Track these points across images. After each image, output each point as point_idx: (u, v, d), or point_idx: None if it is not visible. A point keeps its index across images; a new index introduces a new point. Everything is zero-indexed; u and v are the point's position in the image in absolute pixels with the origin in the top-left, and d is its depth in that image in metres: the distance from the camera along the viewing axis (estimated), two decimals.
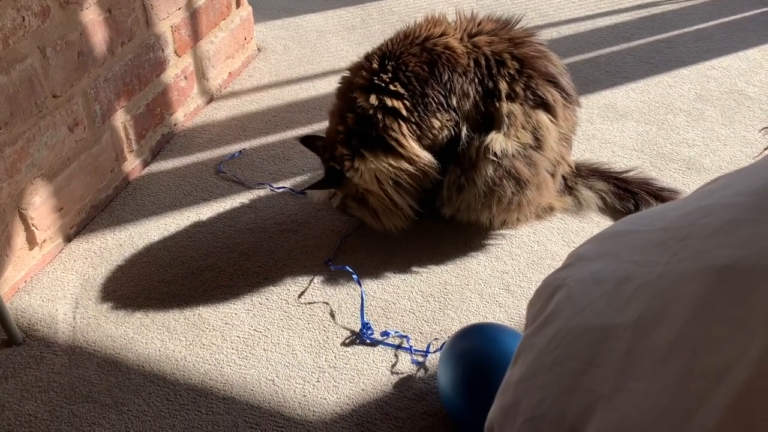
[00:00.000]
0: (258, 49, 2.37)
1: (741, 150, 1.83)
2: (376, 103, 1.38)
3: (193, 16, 1.93)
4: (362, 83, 1.42)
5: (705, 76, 2.17)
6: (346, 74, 1.50)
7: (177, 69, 1.90)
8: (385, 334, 1.34)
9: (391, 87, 1.38)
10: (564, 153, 1.50)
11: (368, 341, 1.33)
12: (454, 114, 1.40)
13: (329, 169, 1.50)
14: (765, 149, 0.92)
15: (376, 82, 1.39)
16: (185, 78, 1.94)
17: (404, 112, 1.38)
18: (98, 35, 1.55)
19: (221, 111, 2.06)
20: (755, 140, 1.86)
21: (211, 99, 2.10)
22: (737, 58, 2.27)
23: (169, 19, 1.82)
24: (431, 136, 1.41)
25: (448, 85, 1.39)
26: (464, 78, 1.39)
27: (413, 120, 1.39)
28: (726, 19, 2.53)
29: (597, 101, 2.06)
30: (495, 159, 1.39)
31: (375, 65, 1.41)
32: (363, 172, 1.43)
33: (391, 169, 1.41)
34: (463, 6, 2.68)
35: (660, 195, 1.59)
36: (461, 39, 1.43)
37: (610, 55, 2.31)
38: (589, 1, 2.69)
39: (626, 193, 1.60)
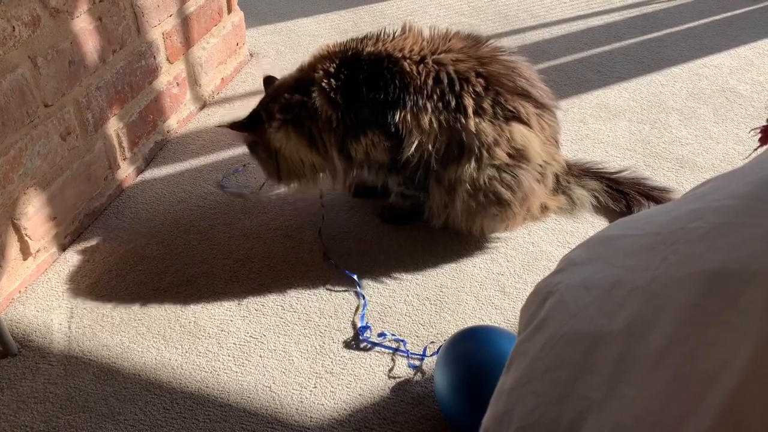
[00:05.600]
0: (250, 54, 2.37)
1: (733, 148, 1.84)
2: (316, 104, 1.43)
3: (185, 22, 1.93)
4: (317, 79, 1.45)
5: (697, 75, 2.18)
6: (326, 49, 1.50)
7: (169, 76, 1.90)
8: (382, 337, 1.35)
9: (332, 95, 1.41)
10: (552, 152, 1.51)
11: (365, 345, 1.33)
12: (393, 138, 1.41)
13: (255, 115, 1.53)
14: (754, 150, 0.92)
15: (324, 84, 1.42)
16: (177, 85, 1.94)
17: (334, 123, 1.42)
18: (89, 44, 1.54)
19: (214, 117, 2.05)
20: (747, 138, 1.87)
21: (204, 105, 2.10)
22: (728, 56, 2.28)
23: (160, 26, 1.81)
24: (361, 150, 1.44)
25: (400, 103, 1.39)
26: (420, 95, 1.39)
27: (339, 132, 1.43)
28: (717, 18, 2.54)
29: (589, 101, 2.06)
30: (469, 190, 1.42)
31: (332, 68, 1.44)
32: (285, 140, 1.49)
33: (309, 156, 1.50)
34: (453, 9, 2.69)
35: (651, 195, 1.60)
36: (424, 58, 1.42)
37: (602, 55, 2.31)
38: (580, 1, 2.70)
39: (618, 194, 1.60)
